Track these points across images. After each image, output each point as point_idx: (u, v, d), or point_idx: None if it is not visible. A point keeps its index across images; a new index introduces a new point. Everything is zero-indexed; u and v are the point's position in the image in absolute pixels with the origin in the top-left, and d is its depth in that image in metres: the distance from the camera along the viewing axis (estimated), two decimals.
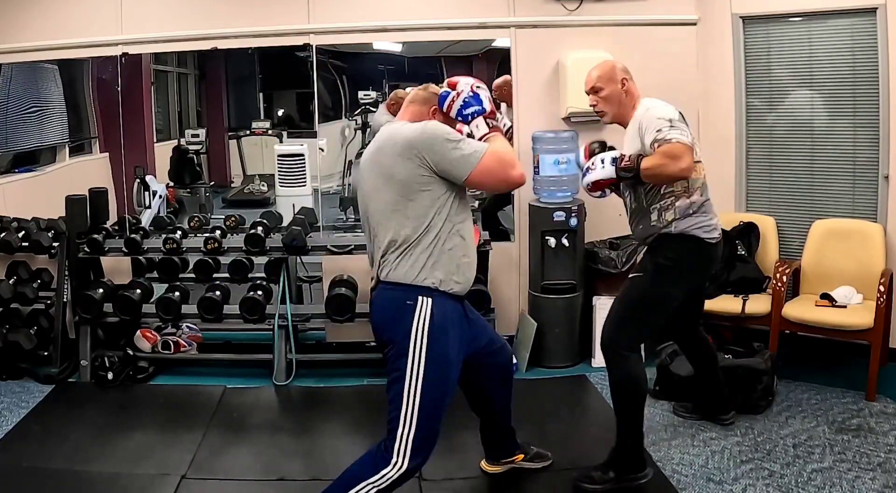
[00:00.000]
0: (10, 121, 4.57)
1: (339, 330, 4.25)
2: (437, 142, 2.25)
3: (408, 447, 2.27)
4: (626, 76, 2.90)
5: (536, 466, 3.00)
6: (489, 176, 2.28)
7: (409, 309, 2.29)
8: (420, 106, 2.49)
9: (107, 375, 3.93)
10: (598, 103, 2.93)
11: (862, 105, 3.91)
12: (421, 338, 2.27)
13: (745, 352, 3.63)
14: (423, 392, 2.27)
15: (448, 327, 2.32)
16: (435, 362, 2.28)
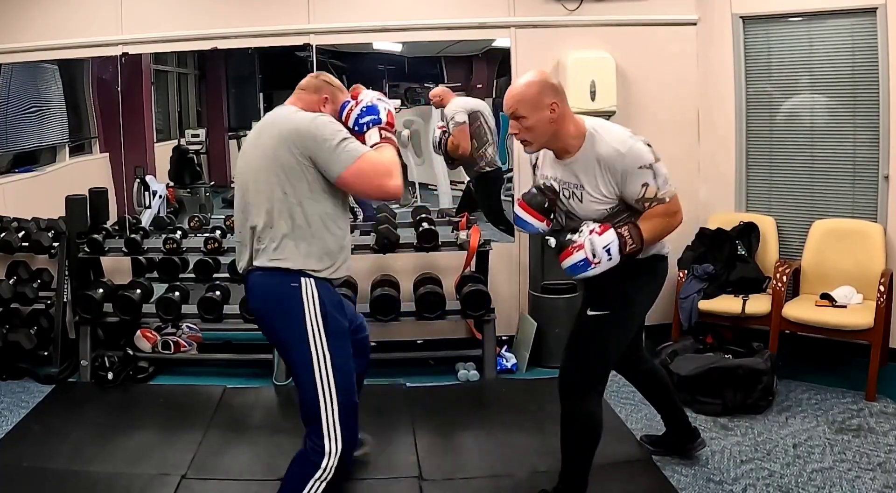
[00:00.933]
0: (10, 121, 4.57)
1: None
2: (320, 136, 2.23)
3: (335, 425, 2.27)
4: (555, 100, 2.38)
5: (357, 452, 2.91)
6: (361, 179, 2.24)
7: (295, 292, 2.28)
8: (311, 94, 2.49)
9: (107, 375, 3.93)
10: (521, 132, 2.43)
11: (862, 105, 3.91)
12: (316, 319, 2.28)
13: (745, 352, 3.63)
14: (335, 371, 2.28)
15: (336, 302, 2.37)
16: (335, 337, 2.30)
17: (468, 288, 3.99)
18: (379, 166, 2.25)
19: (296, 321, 2.28)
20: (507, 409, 3.67)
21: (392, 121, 2.41)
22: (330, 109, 2.47)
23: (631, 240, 2.37)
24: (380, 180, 2.25)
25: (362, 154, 2.24)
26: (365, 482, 2.95)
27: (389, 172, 2.26)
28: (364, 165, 2.23)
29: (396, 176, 2.27)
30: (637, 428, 3.36)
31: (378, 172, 2.25)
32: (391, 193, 2.29)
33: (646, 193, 2.35)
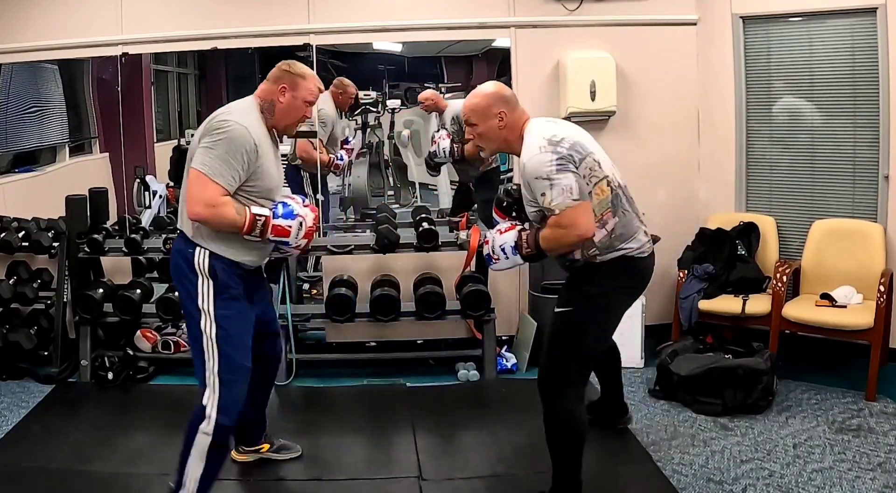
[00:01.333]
0: (11, 121, 4.56)
1: (339, 330, 4.25)
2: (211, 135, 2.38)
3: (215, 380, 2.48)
4: (503, 109, 2.53)
5: (284, 457, 3.05)
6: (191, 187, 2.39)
7: (190, 255, 2.47)
8: (271, 84, 2.58)
9: (107, 375, 3.93)
10: (474, 138, 2.62)
11: (862, 105, 3.91)
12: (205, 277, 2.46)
13: (745, 352, 3.63)
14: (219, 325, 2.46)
15: (232, 273, 2.49)
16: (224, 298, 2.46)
17: (468, 288, 3.99)
18: (206, 192, 2.36)
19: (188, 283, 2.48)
20: (507, 409, 3.67)
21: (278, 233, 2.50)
22: (289, 97, 2.56)
23: (526, 244, 2.51)
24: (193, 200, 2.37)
25: (207, 173, 2.35)
26: (365, 482, 2.95)
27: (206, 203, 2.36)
28: (201, 179, 2.36)
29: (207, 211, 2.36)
30: (637, 428, 3.36)
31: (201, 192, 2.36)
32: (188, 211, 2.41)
33: (543, 202, 2.41)
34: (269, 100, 2.57)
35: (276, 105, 2.56)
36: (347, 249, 4.13)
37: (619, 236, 2.51)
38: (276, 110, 2.57)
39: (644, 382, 3.88)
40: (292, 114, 2.59)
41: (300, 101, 2.58)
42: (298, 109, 2.59)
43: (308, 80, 2.60)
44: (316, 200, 4.43)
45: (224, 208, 2.39)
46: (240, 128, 2.39)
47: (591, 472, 3.00)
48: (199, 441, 2.45)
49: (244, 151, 2.39)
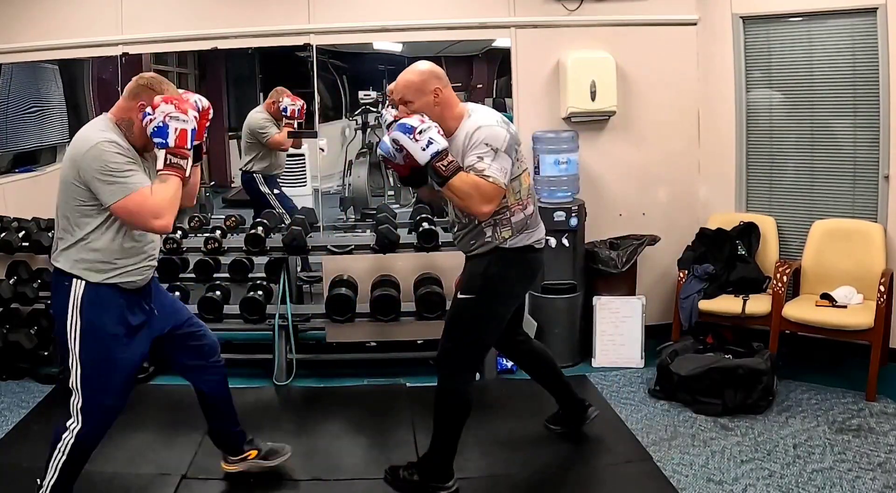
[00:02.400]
0: (11, 121, 4.57)
1: (339, 330, 4.24)
2: (94, 168, 2.27)
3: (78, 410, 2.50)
4: (439, 86, 2.60)
5: (274, 462, 2.97)
6: (128, 216, 2.31)
7: (66, 290, 2.41)
8: (128, 100, 2.41)
9: None
10: (409, 116, 2.60)
11: (862, 105, 3.91)
12: (75, 316, 2.42)
13: (745, 352, 3.63)
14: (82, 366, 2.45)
15: (105, 306, 2.43)
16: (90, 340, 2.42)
17: None
18: (145, 206, 2.28)
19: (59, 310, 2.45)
20: (507, 409, 3.66)
21: (183, 140, 2.32)
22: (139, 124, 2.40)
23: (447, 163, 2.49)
24: (144, 219, 2.31)
25: (129, 194, 2.27)
26: (365, 482, 2.95)
27: (156, 212, 2.28)
28: (130, 203, 2.27)
29: (165, 214, 2.29)
30: (637, 428, 3.36)
31: (143, 210, 2.28)
32: (157, 231, 2.39)
33: (477, 164, 2.51)
34: (125, 118, 2.40)
35: (135, 123, 2.39)
36: (347, 249, 4.13)
37: (531, 224, 2.71)
38: (133, 128, 2.40)
39: (644, 382, 3.88)
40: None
41: None
42: None
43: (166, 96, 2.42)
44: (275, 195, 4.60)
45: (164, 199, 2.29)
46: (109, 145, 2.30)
47: (592, 472, 3.01)
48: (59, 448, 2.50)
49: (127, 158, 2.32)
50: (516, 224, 2.67)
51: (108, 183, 2.27)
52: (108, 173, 2.27)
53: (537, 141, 4.18)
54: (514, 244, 2.68)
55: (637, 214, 4.43)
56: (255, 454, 2.96)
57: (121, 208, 2.29)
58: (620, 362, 4.10)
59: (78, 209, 2.36)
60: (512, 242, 2.68)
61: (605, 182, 4.41)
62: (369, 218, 4.63)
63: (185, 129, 2.33)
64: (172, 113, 2.32)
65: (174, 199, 2.33)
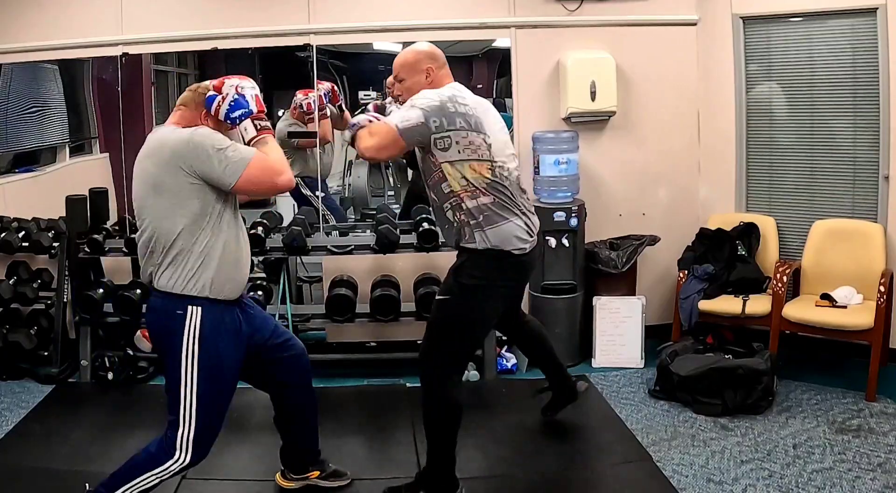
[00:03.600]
0: (11, 121, 4.56)
1: (339, 330, 4.25)
2: (203, 151, 2.23)
3: (189, 443, 2.35)
4: (431, 65, 2.69)
5: (332, 485, 2.89)
6: (255, 184, 2.28)
7: (180, 318, 2.30)
8: (191, 110, 2.42)
9: (107, 375, 3.94)
10: (402, 93, 2.71)
11: (862, 105, 3.91)
12: (192, 346, 2.30)
13: (745, 352, 3.63)
14: (199, 398, 2.32)
15: (220, 332, 2.35)
16: (207, 369, 2.32)
17: None
18: (267, 166, 2.28)
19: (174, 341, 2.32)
20: (507, 409, 3.67)
21: (262, 107, 2.40)
22: (213, 123, 2.40)
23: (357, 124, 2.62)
24: (271, 180, 2.29)
25: (251, 159, 2.25)
26: (365, 482, 2.95)
27: (278, 169, 2.29)
28: (253, 170, 2.25)
29: (285, 170, 2.31)
30: (637, 428, 3.36)
31: (267, 171, 2.28)
32: (286, 188, 2.35)
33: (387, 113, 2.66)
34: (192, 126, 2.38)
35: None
36: (347, 249, 4.13)
37: (488, 218, 2.56)
38: None
39: (644, 382, 3.88)
40: None
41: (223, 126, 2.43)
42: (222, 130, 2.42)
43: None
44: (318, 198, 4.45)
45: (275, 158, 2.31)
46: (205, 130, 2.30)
47: (592, 472, 3.01)
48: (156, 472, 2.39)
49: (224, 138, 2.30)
50: (469, 209, 2.55)
51: (224, 162, 2.23)
52: (219, 153, 2.23)
53: (537, 141, 4.18)
54: (486, 246, 2.57)
55: (637, 215, 4.43)
56: (316, 474, 2.90)
57: (246, 180, 2.25)
58: (620, 363, 4.10)
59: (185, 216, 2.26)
60: (481, 241, 2.57)
61: (605, 182, 4.41)
62: (369, 218, 4.63)
63: (257, 93, 2.41)
64: (239, 84, 2.39)
65: (281, 154, 2.36)
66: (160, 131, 2.38)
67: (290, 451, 2.87)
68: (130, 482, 2.38)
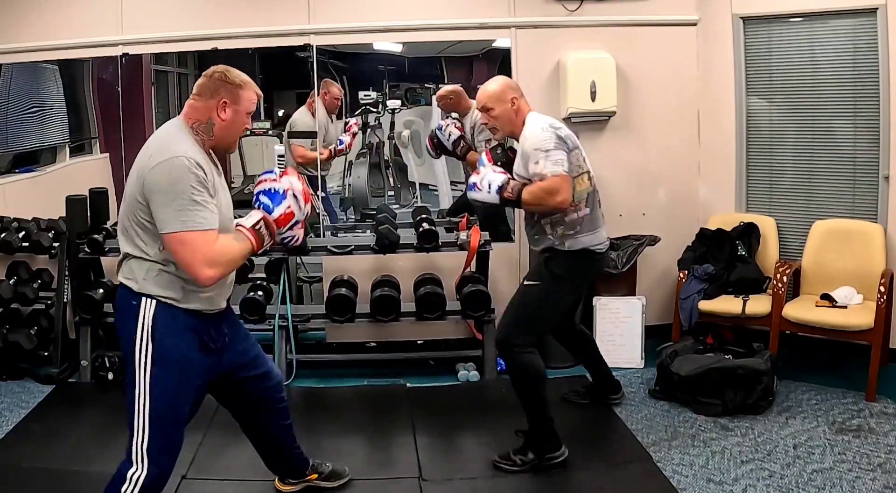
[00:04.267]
0: (11, 121, 4.56)
1: (339, 330, 4.25)
2: (159, 184, 2.03)
3: (144, 453, 2.16)
4: (515, 95, 3.01)
5: (333, 485, 2.87)
6: (179, 252, 2.05)
7: (134, 310, 2.13)
8: (206, 100, 2.21)
9: (107, 375, 3.93)
10: (490, 122, 3.05)
11: (862, 105, 3.91)
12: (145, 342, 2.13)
13: (745, 352, 3.63)
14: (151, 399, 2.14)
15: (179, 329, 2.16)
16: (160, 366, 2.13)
17: (468, 288, 3.99)
18: (201, 251, 2.04)
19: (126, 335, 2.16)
20: (507, 409, 3.64)
21: (285, 221, 2.27)
22: (230, 114, 2.21)
23: (510, 190, 2.93)
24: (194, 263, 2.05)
25: (190, 228, 2.02)
26: (365, 482, 2.95)
27: (212, 261, 2.06)
28: (188, 239, 2.03)
29: (215, 268, 2.07)
30: (637, 428, 3.36)
31: (198, 254, 2.04)
32: (197, 280, 2.09)
33: (535, 169, 2.86)
34: (205, 120, 2.21)
35: (216, 123, 2.21)
36: (348, 249, 4.13)
37: (586, 226, 3.01)
38: (215, 130, 2.21)
39: (644, 382, 3.88)
40: (235, 130, 2.26)
41: (243, 114, 2.25)
42: (241, 124, 2.26)
43: (247, 88, 2.27)
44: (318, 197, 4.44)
45: (227, 253, 2.11)
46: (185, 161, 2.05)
47: (592, 472, 3.01)
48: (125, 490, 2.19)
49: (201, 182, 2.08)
50: (569, 222, 2.98)
51: (170, 206, 2.02)
52: (174, 196, 2.02)
53: None
54: (571, 247, 3.00)
55: (637, 215, 4.43)
56: (315, 476, 2.86)
57: (175, 240, 2.04)
58: (620, 363, 4.09)
59: (144, 227, 2.12)
60: (570, 244, 2.99)
61: (605, 182, 4.38)
62: (369, 218, 4.63)
63: (294, 214, 2.30)
64: (297, 191, 2.30)
65: (234, 260, 2.16)
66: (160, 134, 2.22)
67: (275, 463, 2.82)
68: None
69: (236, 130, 2.27)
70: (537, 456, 2.99)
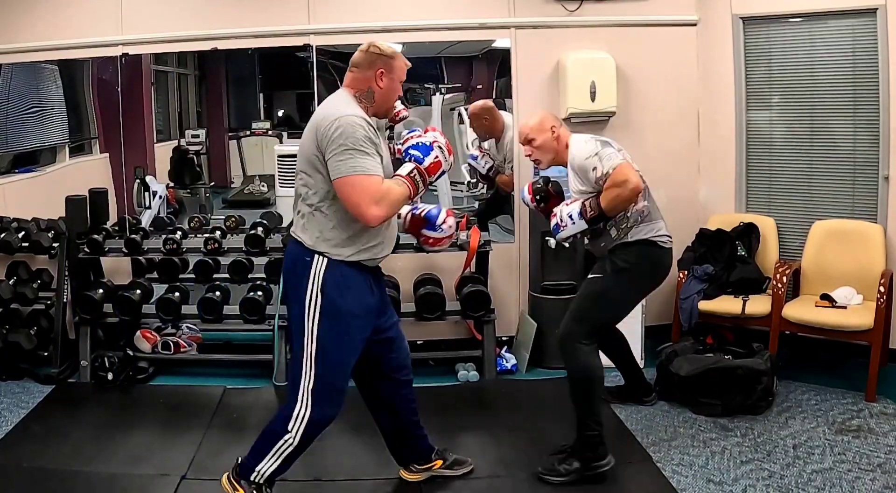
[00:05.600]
0: (11, 121, 4.56)
1: None
2: (335, 139, 2.29)
3: (310, 394, 2.40)
4: (554, 124, 3.07)
5: (456, 473, 2.93)
6: (348, 195, 2.30)
7: (307, 265, 2.39)
8: (364, 71, 2.46)
9: (107, 375, 3.93)
10: (533, 153, 3.09)
11: (862, 106, 3.91)
12: (315, 293, 2.38)
13: (744, 353, 3.62)
14: (319, 347, 2.39)
15: (347, 285, 2.41)
16: (329, 318, 2.38)
17: (468, 289, 3.99)
18: (369, 191, 2.29)
19: (298, 286, 2.41)
20: (507, 409, 3.67)
21: (435, 170, 2.50)
22: (387, 82, 2.46)
23: (590, 207, 2.94)
24: (359, 202, 2.29)
25: (356, 173, 2.28)
26: (365, 483, 2.95)
27: (373, 198, 2.29)
28: (356, 182, 2.28)
29: (381, 207, 2.30)
30: (637, 428, 3.36)
31: (362, 193, 2.28)
32: (364, 219, 2.32)
33: (596, 174, 2.90)
34: (365, 89, 2.46)
35: (375, 92, 2.47)
36: None
37: (648, 216, 3.03)
38: (375, 97, 2.47)
39: None
40: (392, 96, 2.52)
41: (397, 82, 2.50)
42: (396, 91, 2.52)
43: (398, 58, 2.50)
44: None
45: (391, 196, 2.34)
46: (356, 119, 2.32)
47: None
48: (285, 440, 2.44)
49: (370, 138, 2.33)
50: (633, 215, 3.00)
51: (343, 155, 2.28)
52: (346, 147, 2.27)
53: None
54: (637, 238, 3.00)
55: None
56: (440, 463, 2.91)
57: (345, 183, 2.28)
58: None
59: (318, 185, 2.37)
60: (634, 234, 3.00)
61: None
62: None
63: (441, 162, 2.52)
64: (441, 144, 2.53)
65: (397, 201, 2.38)
66: (332, 97, 2.48)
67: (400, 445, 2.87)
68: (271, 448, 2.43)
69: (392, 96, 2.52)
70: (583, 465, 2.91)
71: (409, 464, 2.90)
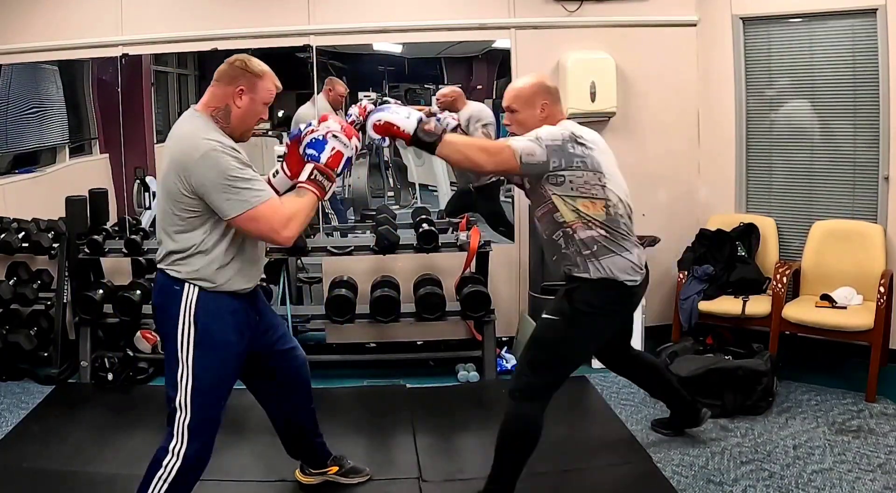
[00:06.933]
0: (11, 122, 4.56)
1: (339, 331, 4.25)
2: (209, 178, 2.13)
3: (185, 429, 2.27)
4: (546, 100, 2.59)
5: (351, 481, 2.90)
6: (254, 228, 2.19)
7: (177, 295, 2.26)
8: (224, 86, 2.28)
9: (107, 376, 3.93)
10: (512, 125, 2.63)
11: (862, 106, 3.91)
12: (188, 324, 2.25)
13: (745, 353, 3.63)
14: (194, 379, 2.27)
15: (221, 314, 2.28)
16: (205, 349, 2.26)
17: (468, 289, 3.99)
18: (273, 219, 2.17)
19: (170, 317, 2.28)
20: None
21: (336, 161, 2.31)
22: (247, 102, 2.27)
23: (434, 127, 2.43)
24: (271, 231, 2.19)
25: (255, 204, 2.15)
26: (365, 483, 2.95)
27: (283, 225, 2.19)
28: (258, 215, 2.16)
29: (291, 227, 2.20)
30: (637, 429, 3.36)
31: (269, 223, 2.17)
32: (279, 243, 2.28)
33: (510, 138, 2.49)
34: (222, 106, 2.28)
35: (232, 110, 2.28)
36: (347, 250, 4.13)
37: (602, 249, 2.53)
38: (231, 117, 2.28)
39: None
40: (250, 119, 2.32)
41: (259, 103, 2.31)
42: (257, 113, 2.32)
43: (266, 78, 2.32)
44: None
45: (298, 214, 2.22)
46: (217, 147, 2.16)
47: (592, 472, 3.01)
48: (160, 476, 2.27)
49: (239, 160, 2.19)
50: (585, 241, 2.52)
51: (227, 193, 2.13)
52: (226, 184, 2.13)
53: None
54: (600, 276, 2.53)
55: (637, 215, 4.38)
56: (335, 469, 2.90)
57: (245, 220, 2.15)
58: None
59: (187, 220, 2.22)
60: (595, 270, 2.53)
61: None
62: (369, 219, 4.63)
63: (342, 152, 2.33)
64: (336, 132, 2.33)
65: (307, 213, 2.26)
66: (184, 122, 2.29)
67: (296, 449, 2.87)
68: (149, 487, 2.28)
69: (251, 118, 2.32)
70: None
71: (306, 468, 2.89)
